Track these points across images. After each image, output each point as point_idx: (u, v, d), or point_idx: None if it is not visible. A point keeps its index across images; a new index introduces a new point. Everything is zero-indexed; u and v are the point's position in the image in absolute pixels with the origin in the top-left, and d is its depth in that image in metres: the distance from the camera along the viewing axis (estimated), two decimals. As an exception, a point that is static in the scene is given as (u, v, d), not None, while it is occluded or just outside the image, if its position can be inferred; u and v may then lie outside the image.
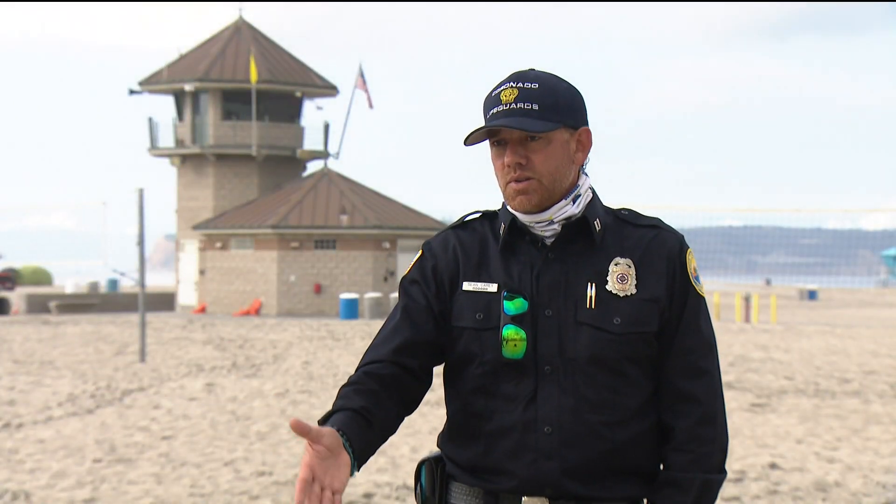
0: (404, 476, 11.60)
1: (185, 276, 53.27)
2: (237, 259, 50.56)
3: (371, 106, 52.86)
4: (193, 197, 52.96)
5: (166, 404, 17.38)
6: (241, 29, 54.48)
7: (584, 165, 3.38)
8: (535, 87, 3.27)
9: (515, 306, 3.27)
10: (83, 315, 47.49)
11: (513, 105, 3.25)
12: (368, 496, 10.69)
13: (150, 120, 53.33)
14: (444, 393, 3.42)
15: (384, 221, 49.40)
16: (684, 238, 3.39)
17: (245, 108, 52.26)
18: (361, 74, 52.36)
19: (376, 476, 11.57)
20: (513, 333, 3.26)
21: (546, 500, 3.27)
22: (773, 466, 12.27)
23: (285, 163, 53.51)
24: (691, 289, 3.34)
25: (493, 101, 3.29)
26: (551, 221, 3.30)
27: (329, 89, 54.12)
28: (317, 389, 19.30)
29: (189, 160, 52.92)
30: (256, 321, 41.20)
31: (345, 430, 3.11)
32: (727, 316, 45.43)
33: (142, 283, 26.64)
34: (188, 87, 51.87)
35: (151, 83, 52.94)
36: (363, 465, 3.17)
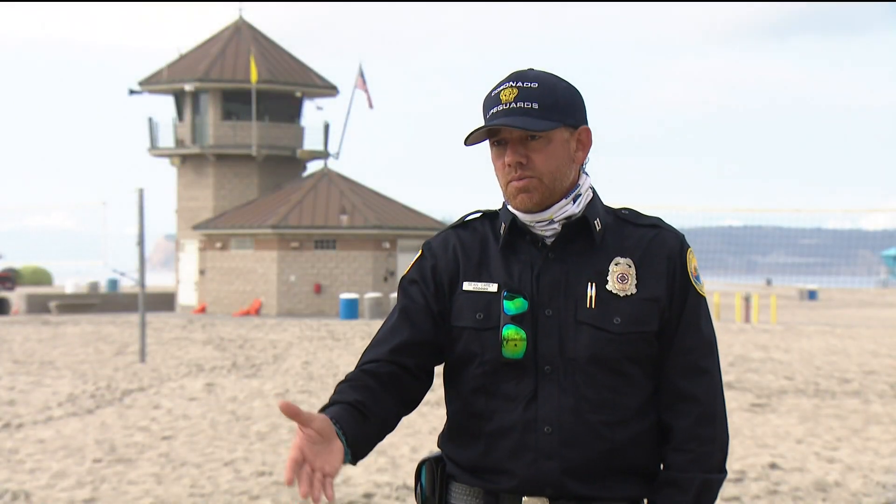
0: (404, 476, 11.59)
1: (185, 277, 53.27)
2: (237, 259, 50.56)
3: (371, 106, 52.86)
4: (193, 197, 52.96)
5: (166, 404, 17.37)
6: (241, 29, 54.48)
7: (585, 165, 3.38)
8: (535, 87, 3.26)
9: (515, 306, 3.27)
10: (83, 315, 47.48)
11: (513, 104, 3.25)
12: (368, 496, 10.68)
13: (150, 120, 53.35)
14: (444, 393, 3.41)
15: (384, 221, 49.39)
16: (685, 238, 3.38)
17: (245, 108, 52.25)
18: (361, 74, 52.36)
19: (376, 476, 11.56)
20: (513, 333, 3.25)
21: (546, 500, 3.26)
22: (773, 466, 12.26)
23: (285, 163, 53.51)
24: (692, 288, 3.33)
25: (493, 101, 3.29)
26: (552, 221, 3.30)
27: (329, 89, 54.12)
28: (317, 389, 19.29)
29: (189, 160, 52.92)
30: (256, 321, 41.20)
31: (338, 419, 3.10)
32: (727, 316, 45.43)
33: (142, 284, 26.63)
34: (188, 87, 51.87)
35: (151, 83, 52.95)
36: (361, 460, 3.16)
